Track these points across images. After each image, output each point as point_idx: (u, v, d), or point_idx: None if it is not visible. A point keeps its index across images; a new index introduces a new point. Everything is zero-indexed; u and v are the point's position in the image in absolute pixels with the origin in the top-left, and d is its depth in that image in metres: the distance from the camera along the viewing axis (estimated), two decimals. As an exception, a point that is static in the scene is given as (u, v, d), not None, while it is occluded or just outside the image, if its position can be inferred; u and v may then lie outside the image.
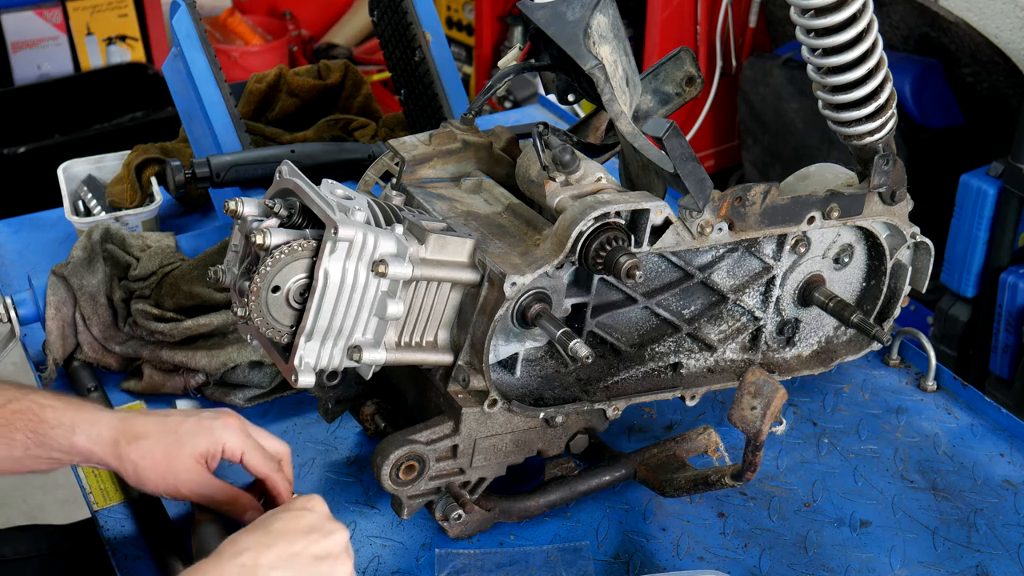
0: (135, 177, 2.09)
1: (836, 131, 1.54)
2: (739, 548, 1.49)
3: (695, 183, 1.40)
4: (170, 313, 1.72)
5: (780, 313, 1.63)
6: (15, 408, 1.31)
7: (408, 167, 1.55)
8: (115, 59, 4.49)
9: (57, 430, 1.30)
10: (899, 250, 1.64)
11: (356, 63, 4.37)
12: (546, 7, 1.52)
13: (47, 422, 1.31)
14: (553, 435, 1.50)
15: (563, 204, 1.40)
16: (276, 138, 2.18)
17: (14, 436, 1.30)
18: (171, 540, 1.45)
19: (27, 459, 1.32)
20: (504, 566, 1.45)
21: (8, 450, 1.30)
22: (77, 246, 1.76)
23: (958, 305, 2.95)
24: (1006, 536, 1.51)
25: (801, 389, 1.76)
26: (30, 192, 3.05)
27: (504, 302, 1.33)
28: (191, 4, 1.94)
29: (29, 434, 1.30)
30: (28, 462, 1.33)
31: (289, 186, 1.33)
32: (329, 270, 1.25)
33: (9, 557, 1.64)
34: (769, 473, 1.61)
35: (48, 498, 3.30)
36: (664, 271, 1.51)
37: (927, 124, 3.13)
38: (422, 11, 2.10)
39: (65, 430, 1.31)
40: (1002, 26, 3.06)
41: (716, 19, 3.69)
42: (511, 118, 2.62)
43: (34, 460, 1.33)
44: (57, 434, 1.31)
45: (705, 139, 3.90)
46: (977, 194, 2.79)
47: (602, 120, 1.71)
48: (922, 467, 1.63)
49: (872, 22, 1.42)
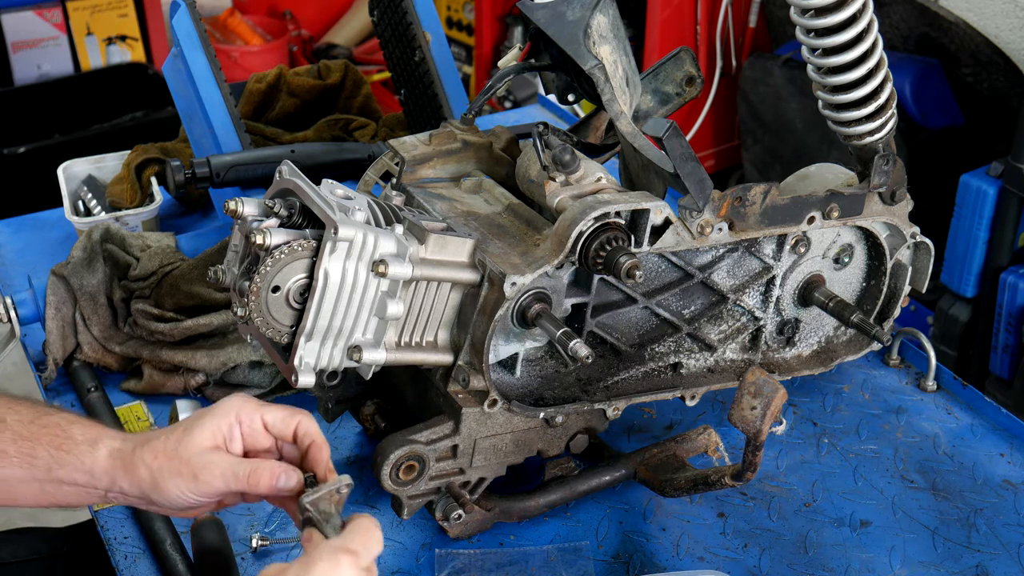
0: (135, 177, 2.09)
1: (836, 131, 1.54)
2: (739, 548, 1.49)
3: (695, 183, 1.40)
4: (170, 313, 1.72)
5: (780, 313, 1.63)
6: (42, 423, 1.24)
7: (408, 167, 1.55)
8: (115, 59, 4.49)
9: (82, 446, 1.22)
10: (899, 250, 1.64)
11: (356, 63, 4.37)
12: (546, 7, 1.52)
13: (73, 438, 1.22)
14: (553, 435, 1.50)
15: (563, 204, 1.40)
16: (276, 138, 2.18)
17: (37, 453, 1.22)
18: (171, 540, 1.45)
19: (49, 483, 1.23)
20: (504, 566, 1.45)
21: (30, 471, 1.22)
22: (77, 246, 1.77)
23: (958, 305, 2.94)
24: (1006, 536, 1.51)
25: (801, 389, 1.76)
26: (30, 192, 3.05)
27: (504, 302, 1.33)
28: (191, 4, 1.94)
29: (52, 451, 1.21)
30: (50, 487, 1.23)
31: (289, 186, 1.33)
32: (329, 270, 1.25)
33: (8, 560, 1.64)
34: (769, 473, 1.61)
35: (48, 498, 3.29)
36: (664, 271, 1.51)
37: (927, 124, 3.13)
38: (422, 11, 2.10)
39: (88, 445, 1.22)
40: (1002, 26, 3.06)
41: (716, 19, 3.69)
42: (511, 118, 2.62)
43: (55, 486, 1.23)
44: (81, 451, 1.22)
45: (705, 139, 3.90)
46: (977, 194, 2.78)
47: (602, 120, 1.71)
48: (922, 467, 1.63)
49: (872, 22, 1.42)
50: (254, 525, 1.51)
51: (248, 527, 1.50)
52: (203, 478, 1.18)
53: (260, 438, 1.23)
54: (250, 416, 1.21)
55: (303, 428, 1.23)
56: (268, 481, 1.18)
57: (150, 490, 1.19)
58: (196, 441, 1.19)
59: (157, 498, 1.20)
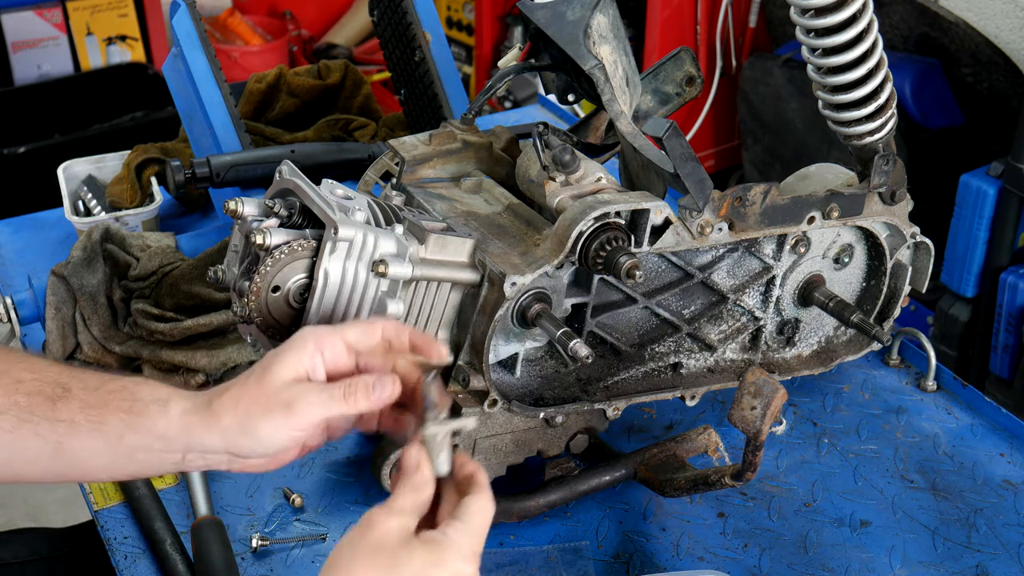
0: (135, 177, 2.09)
1: (836, 131, 1.54)
2: (739, 548, 1.49)
3: (695, 183, 1.41)
4: (170, 313, 1.72)
5: (780, 313, 1.63)
6: (109, 388, 1.15)
7: (408, 167, 1.55)
8: (115, 59, 4.49)
9: (152, 406, 1.13)
10: (899, 250, 1.64)
11: (356, 63, 4.37)
12: (546, 7, 1.52)
13: (142, 400, 1.14)
14: (553, 435, 1.50)
15: (563, 204, 1.40)
16: (276, 138, 2.18)
17: (106, 419, 1.13)
18: (171, 540, 1.45)
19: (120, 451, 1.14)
20: (504, 566, 1.45)
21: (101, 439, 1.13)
22: (77, 246, 1.77)
23: (958, 305, 2.95)
24: (1006, 536, 1.51)
25: (801, 389, 1.76)
26: (30, 192, 3.05)
27: (504, 302, 1.33)
28: (191, 4, 1.94)
29: (123, 415, 1.13)
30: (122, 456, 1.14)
31: (289, 186, 1.33)
32: (329, 270, 1.25)
33: (8, 561, 1.64)
34: (769, 473, 1.61)
35: (49, 498, 3.30)
36: (664, 271, 1.51)
37: (927, 124, 3.13)
38: (422, 11, 2.10)
39: (159, 405, 1.13)
40: (1002, 26, 3.06)
41: (716, 19, 3.69)
42: (511, 118, 2.62)
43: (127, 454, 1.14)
44: (152, 411, 1.13)
45: (705, 139, 3.90)
46: (977, 194, 2.79)
47: (602, 120, 1.71)
48: (922, 467, 1.63)
49: (872, 22, 1.42)
50: (254, 525, 1.51)
51: (248, 527, 1.50)
52: (297, 408, 1.10)
53: (342, 362, 1.15)
54: (331, 342, 1.14)
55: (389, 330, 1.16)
56: (366, 393, 1.11)
57: (238, 436, 1.11)
58: (279, 376, 1.11)
59: (246, 445, 1.12)
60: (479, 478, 1.11)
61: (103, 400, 1.14)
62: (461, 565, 1.06)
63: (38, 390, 1.13)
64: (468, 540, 1.07)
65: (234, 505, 1.53)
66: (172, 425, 1.12)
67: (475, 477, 1.11)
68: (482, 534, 1.08)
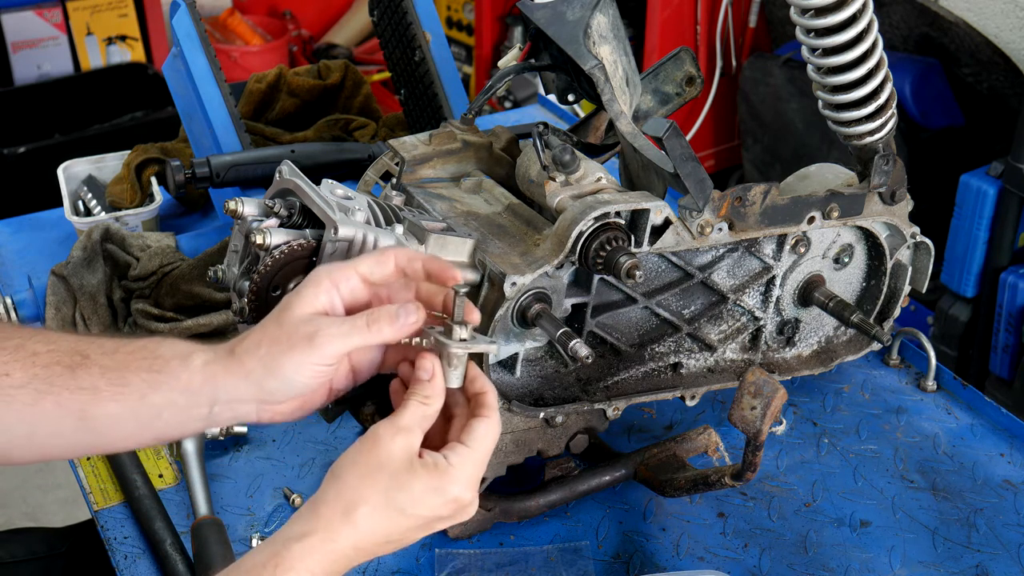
0: (135, 177, 2.09)
1: (836, 131, 1.54)
2: (739, 548, 1.49)
3: (695, 183, 1.41)
4: (170, 313, 1.72)
5: (780, 313, 1.63)
6: (128, 350, 1.12)
7: (408, 167, 1.55)
8: (115, 59, 4.49)
9: (173, 361, 1.10)
10: (899, 250, 1.64)
11: (356, 63, 4.37)
12: (546, 7, 1.52)
13: (163, 356, 1.10)
14: (553, 435, 1.50)
15: (563, 204, 1.40)
16: (276, 138, 2.18)
17: (128, 380, 1.09)
18: (171, 540, 1.45)
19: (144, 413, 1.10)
20: (504, 566, 1.45)
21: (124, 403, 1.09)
22: (77, 246, 1.77)
23: (958, 305, 2.95)
24: (1006, 536, 1.51)
25: (801, 389, 1.76)
26: (30, 192, 3.05)
27: (504, 302, 1.33)
28: (191, 4, 1.94)
29: (144, 375, 1.10)
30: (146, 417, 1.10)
31: (289, 186, 1.33)
32: (329, 270, 1.25)
33: (7, 560, 1.64)
34: (769, 473, 1.61)
35: (48, 498, 3.30)
36: (664, 271, 1.51)
37: (927, 124, 3.13)
38: (422, 11, 2.10)
39: (180, 360, 1.10)
40: (1002, 26, 3.06)
41: (716, 19, 3.69)
42: (511, 118, 2.62)
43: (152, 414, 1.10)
44: (174, 367, 1.10)
45: (705, 139, 3.90)
46: (977, 194, 2.79)
47: (602, 120, 1.71)
48: (922, 467, 1.63)
49: (872, 22, 1.42)
50: (254, 525, 1.51)
51: (248, 527, 1.50)
52: (319, 341, 1.06)
53: (359, 295, 1.13)
54: (345, 276, 1.11)
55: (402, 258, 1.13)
56: (390, 320, 1.08)
57: (263, 378, 1.08)
58: (298, 313, 1.08)
59: (272, 386, 1.09)
60: (488, 399, 1.09)
61: (123, 362, 1.11)
62: (462, 491, 1.05)
63: (56, 360, 1.10)
64: (471, 467, 1.06)
65: (234, 505, 1.53)
66: (195, 376, 1.09)
67: (485, 397, 1.09)
68: (486, 458, 1.07)
